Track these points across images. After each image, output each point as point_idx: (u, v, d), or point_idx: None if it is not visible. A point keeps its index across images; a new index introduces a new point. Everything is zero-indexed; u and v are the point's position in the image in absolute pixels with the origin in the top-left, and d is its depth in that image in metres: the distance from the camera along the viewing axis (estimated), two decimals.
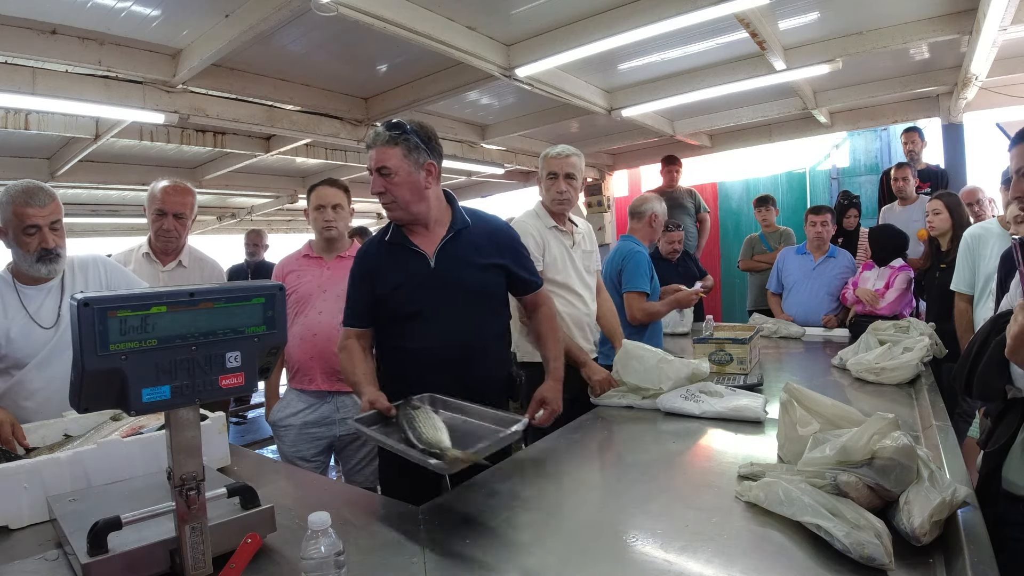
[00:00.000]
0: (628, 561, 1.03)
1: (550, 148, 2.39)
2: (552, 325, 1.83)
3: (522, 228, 2.30)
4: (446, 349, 1.64)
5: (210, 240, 9.41)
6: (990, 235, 2.59)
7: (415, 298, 1.65)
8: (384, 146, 1.59)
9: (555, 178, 2.32)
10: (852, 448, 1.09)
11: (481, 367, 1.69)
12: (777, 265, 3.92)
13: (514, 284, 1.79)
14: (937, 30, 3.39)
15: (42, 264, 1.78)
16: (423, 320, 1.65)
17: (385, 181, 1.60)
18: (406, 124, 1.61)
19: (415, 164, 1.61)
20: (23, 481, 1.23)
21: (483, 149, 5.94)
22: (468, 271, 1.67)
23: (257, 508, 1.10)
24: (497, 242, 1.74)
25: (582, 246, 2.43)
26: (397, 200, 1.62)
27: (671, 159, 5.37)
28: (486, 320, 1.71)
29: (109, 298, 0.86)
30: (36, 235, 1.75)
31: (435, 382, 1.62)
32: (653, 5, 2.92)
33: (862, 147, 6.82)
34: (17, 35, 2.74)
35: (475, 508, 1.28)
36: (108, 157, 5.11)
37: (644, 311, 2.76)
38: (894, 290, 3.35)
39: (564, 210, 2.36)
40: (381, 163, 1.59)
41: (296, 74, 3.75)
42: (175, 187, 2.38)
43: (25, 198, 1.72)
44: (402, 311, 1.67)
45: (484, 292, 1.70)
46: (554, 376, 1.75)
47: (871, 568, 0.92)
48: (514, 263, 1.76)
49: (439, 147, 1.69)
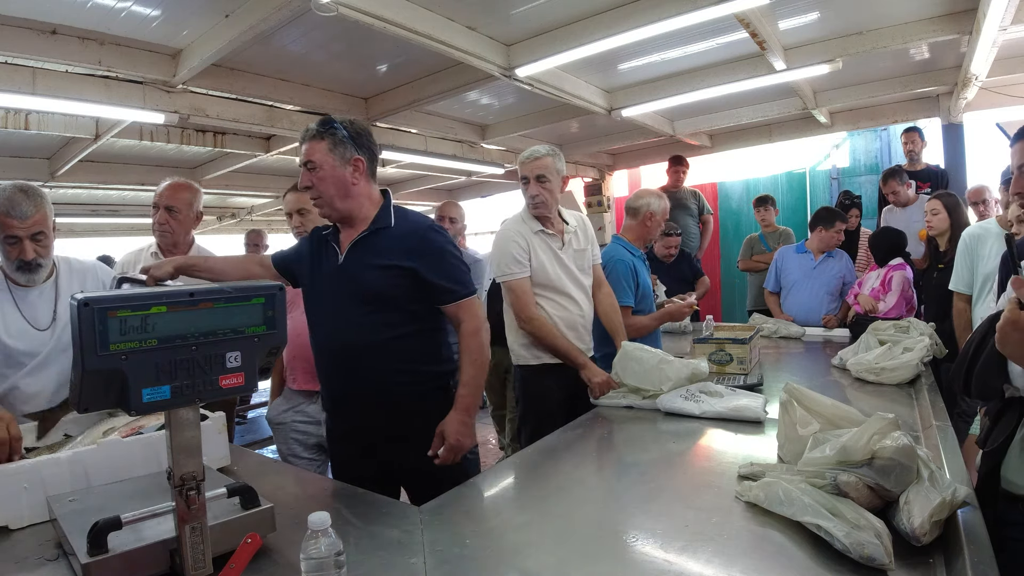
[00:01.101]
0: (628, 561, 1.03)
1: (525, 153, 2.35)
2: (471, 345, 1.65)
3: (505, 235, 2.29)
4: (339, 345, 1.66)
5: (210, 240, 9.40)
6: (988, 235, 2.60)
7: (316, 290, 1.72)
8: (311, 141, 1.62)
9: (527, 182, 2.29)
10: (852, 448, 1.09)
11: (378, 370, 1.64)
12: (776, 264, 3.90)
13: (425, 290, 1.64)
14: (937, 30, 3.39)
15: (21, 273, 1.76)
16: (324, 314, 1.70)
17: (311, 175, 1.63)
18: (335, 120, 1.64)
19: (340, 159, 1.63)
20: (23, 481, 1.23)
21: (483, 149, 5.94)
22: (369, 271, 1.63)
23: (257, 508, 1.10)
24: (409, 245, 1.64)
25: (573, 245, 2.38)
26: (323, 195, 1.64)
27: (678, 159, 5.38)
28: (386, 322, 1.63)
29: (109, 298, 0.86)
30: (16, 245, 1.72)
31: (333, 376, 1.67)
32: (653, 5, 2.92)
33: (862, 147, 6.82)
34: (17, 35, 2.74)
35: (475, 508, 1.28)
36: (108, 157, 5.11)
37: (631, 327, 2.58)
38: (893, 293, 3.35)
39: (541, 213, 2.31)
40: (308, 157, 1.62)
41: (296, 74, 3.76)
42: (173, 183, 2.42)
43: (7, 207, 1.68)
44: (308, 303, 1.75)
45: (383, 294, 1.62)
46: (459, 406, 1.62)
47: (871, 568, 0.92)
48: (426, 268, 1.62)
49: (370, 143, 1.69)
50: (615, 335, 2.47)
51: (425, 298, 1.66)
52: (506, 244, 2.26)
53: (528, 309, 2.23)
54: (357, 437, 1.72)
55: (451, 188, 8.40)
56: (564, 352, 2.23)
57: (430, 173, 6.82)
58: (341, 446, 1.80)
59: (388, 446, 1.68)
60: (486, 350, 1.68)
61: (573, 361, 2.22)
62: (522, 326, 2.25)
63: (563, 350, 2.23)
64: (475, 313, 1.68)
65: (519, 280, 2.24)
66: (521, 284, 2.24)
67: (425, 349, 1.70)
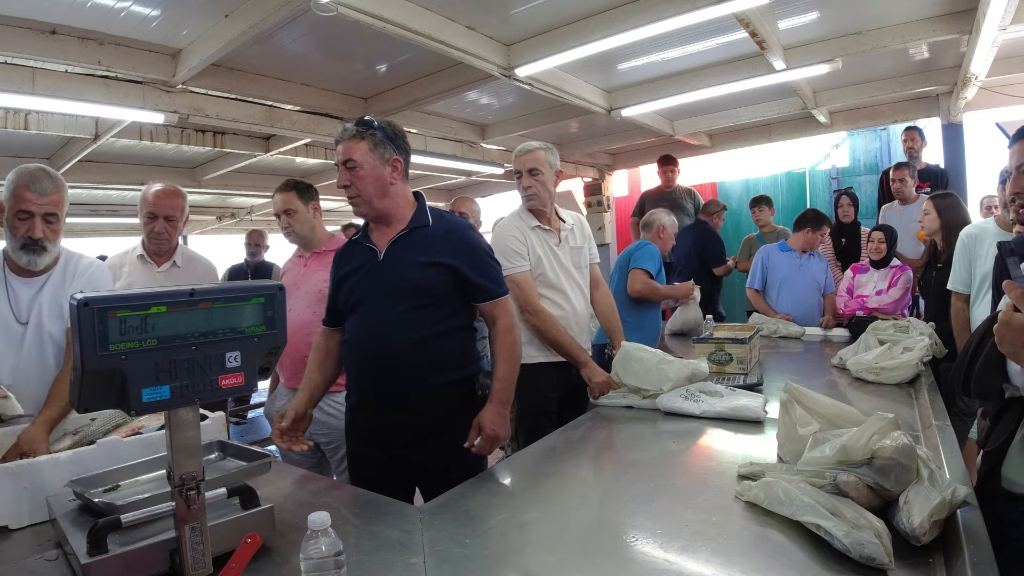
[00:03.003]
0: (628, 561, 1.03)
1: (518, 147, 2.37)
2: (506, 342, 1.71)
3: (503, 230, 2.30)
4: (378, 344, 1.65)
5: (210, 240, 9.42)
6: (987, 235, 2.59)
7: (356, 291, 1.70)
8: (351, 140, 1.64)
9: (520, 176, 2.32)
10: (852, 448, 1.09)
11: (411, 367, 1.64)
12: (760, 262, 3.87)
13: (464, 287, 1.68)
14: (937, 30, 3.39)
15: (24, 252, 1.70)
16: (361, 313, 1.69)
17: (351, 174, 1.64)
18: (373, 121, 1.66)
19: (381, 159, 1.65)
20: (23, 481, 1.23)
21: (483, 149, 5.94)
22: (412, 267, 1.65)
23: (257, 508, 1.10)
24: (450, 241, 1.68)
25: (569, 242, 2.39)
26: (361, 194, 1.65)
27: (667, 159, 5.36)
28: (426, 319, 1.65)
29: (109, 298, 0.86)
30: (27, 221, 1.68)
31: (363, 375, 1.66)
32: (653, 5, 2.92)
33: (862, 147, 6.82)
34: (17, 35, 2.74)
35: (475, 508, 1.28)
36: (108, 157, 5.11)
37: (645, 284, 3.09)
38: (898, 288, 3.39)
39: (535, 206, 2.32)
40: (347, 156, 1.63)
41: (296, 74, 3.75)
42: (165, 190, 2.39)
43: (27, 181, 1.66)
44: (347, 304, 1.73)
45: (426, 290, 1.64)
46: (495, 399, 1.65)
47: (871, 568, 0.92)
48: (466, 265, 1.67)
49: (406, 146, 1.72)
50: (613, 334, 2.48)
51: (461, 296, 1.69)
52: (504, 239, 2.26)
53: (533, 301, 2.21)
54: (378, 435, 1.71)
55: (451, 188, 8.40)
56: (567, 348, 2.21)
57: (430, 173, 6.81)
58: (360, 445, 1.80)
59: (409, 446, 1.68)
60: (519, 347, 1.76)
61: (575, 358, 2.21)
62: (527, 319, 2.22)
63: (566, 346, 2.21)
64: (509, 311, 1.75)
65: (522, 273, 2.23)
66: (524, 276, 2.23)
67: (457, 350, 1.72)
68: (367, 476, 1.69)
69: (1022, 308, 1.00)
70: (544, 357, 2.26)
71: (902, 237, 3.77)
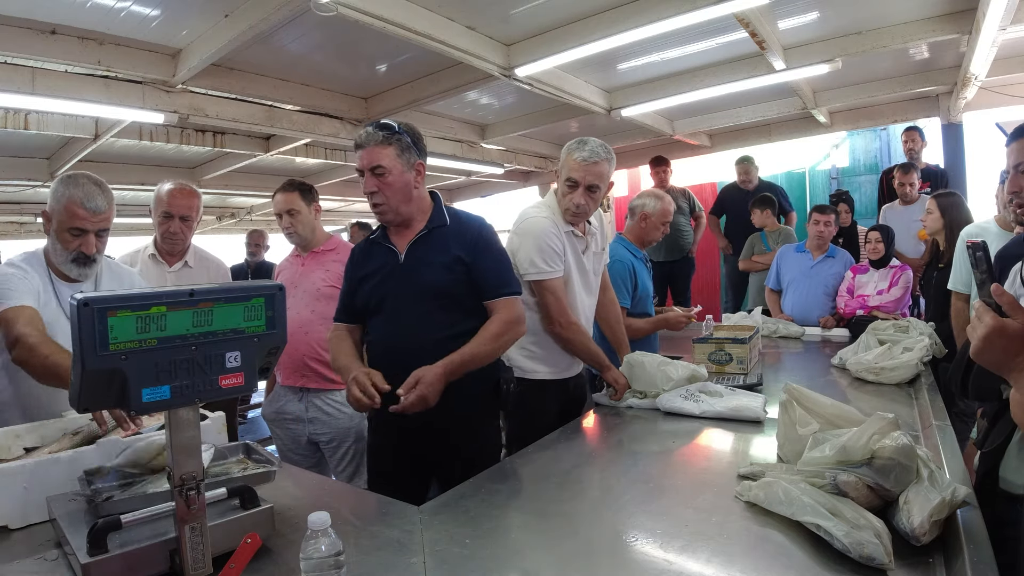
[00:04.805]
0: (628, 561, 1.03)
1: (577, 146, 2.01)
2: (494, 330, 1.64)
3: (544, 227, 2.00)
4: (403, 344, 1.65)
5: (210, 240, 9.41)
6: (987, 234, 2.59)
7: (378, 292, 1.70)
8: (378, 146, 1.60)
9: (574, 187, 2.00)
10: (852, 448, 1.09)
11: None
12: (776, 262, 3.92)
13: (476, 284, 1.66)
14: (937, 30, 3.39)
15: (75, 265, 1.70)
16: (384, 314, 1.69)
17: (379, 181, 1.62)
18: (396, 124, 1.64)
19: (407, 164, 1.64)
20: (23, 481, 1.23)
21: (483, 149, 5.94)
22: (433, 268, 1.65)
23: (257, 508, 1.10)
24: (467, 239, 1.68)
25: (592, 248, 2.21)
26: (389, 201, 1.63)
27: (659, 160, 5.35)
28: (448, 319, 1.64)
29: (109, 298, 0.86)
30: (80, 238, 1.66)
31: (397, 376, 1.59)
32: (653, 5, 2.93)
33: (862, 147, 6.83)
34: (17, 35, 2.74)
35: (475, 508, 1.28)
36: (108, 157, 5.12)
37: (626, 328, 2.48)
38: (899, 287, 3.40)
39: (577, 222, 2.09)
40: (375, 162, 1.60)
41: (296, 74, 3.76)
42: (181, 190, 2.37)
43: (82, 197, 1.62)
44: (369, 304, 1.72)
45: (446, 291, 1.64)
46: (446, 364, 1.53)
47: (871, 568, 0.92)
48: (480, 261, 1.65)
49: (425, 147, 1.72)
50: (619, 348, 2.35)
51: (478, 295, 1.69)
52: (547, 236, 1.99)
53: (568, 313, 2.02)
54: (397, 430, 1.69)
55: (451, 188, 8.40)
56: (594, 355, 2.09)
57: (430, 173, 6.79)
58: (378, 437, 1.80)
59: (428, 440, 1.68)
60: (505, 343, 1.68)
61: (599, 364, 2.10)
62: (558, 331, 2.01)
63: (593, 353, 2.09)
64: (517, 310, 1.71)
65: (559, 280, 2.02)
66: (560, 285, 2.02)
67: None
68: (384, 466, 1.74)
69: (1014, 315, 0.92)
70: (551, 374, 2.11)
71: (903, 237, 3.78)
